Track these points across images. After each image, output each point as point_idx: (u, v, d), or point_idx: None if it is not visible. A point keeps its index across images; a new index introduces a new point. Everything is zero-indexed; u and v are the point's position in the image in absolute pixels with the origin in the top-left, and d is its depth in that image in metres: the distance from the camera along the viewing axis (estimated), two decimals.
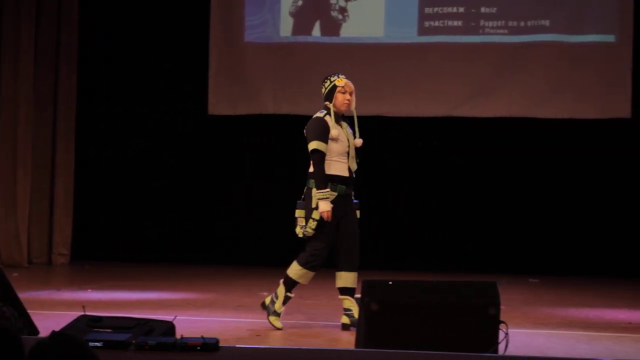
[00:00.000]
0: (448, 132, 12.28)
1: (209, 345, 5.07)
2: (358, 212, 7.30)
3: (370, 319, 5.69)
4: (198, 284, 10.46)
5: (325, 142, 7.19)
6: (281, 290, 7.31)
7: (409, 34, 12.39)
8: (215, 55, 12.68)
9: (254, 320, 7.71)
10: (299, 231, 7.23)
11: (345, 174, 7.20)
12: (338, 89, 7.42)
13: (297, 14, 12.62)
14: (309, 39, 12.61)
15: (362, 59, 12.42)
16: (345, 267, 7.30)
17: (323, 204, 7.04)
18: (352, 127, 7.44)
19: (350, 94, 7.44)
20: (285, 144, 12.54)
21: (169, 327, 5.62)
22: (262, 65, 12.62)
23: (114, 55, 13.03)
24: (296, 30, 12.63)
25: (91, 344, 4.93)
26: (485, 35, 12.23)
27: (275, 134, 12.66)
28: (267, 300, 7.33)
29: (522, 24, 12.17)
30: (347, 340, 6.55)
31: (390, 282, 5.90)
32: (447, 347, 5.54)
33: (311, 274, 7.30)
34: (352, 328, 6.97)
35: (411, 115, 12.32)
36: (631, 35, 11.94)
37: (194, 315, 7.85)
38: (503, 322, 5.80)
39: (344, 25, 12.54)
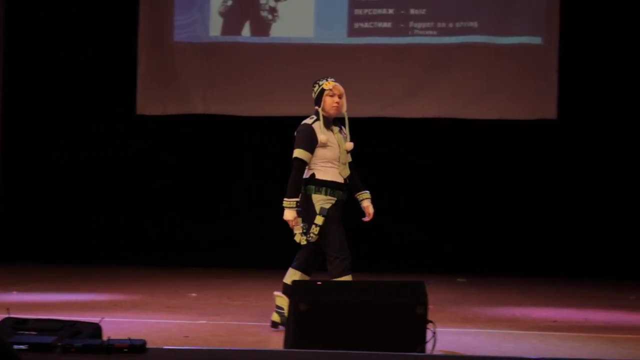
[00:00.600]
0: (378, 133, 12.31)
1: (136, 347, 5.03)
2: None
3: (299, 319, 5.69)
4: (126, 286, 10.38)
5: (310, 150, 7.05)
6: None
7: (338, 35, 12.42)
8: (143, 55, 12.60)
9: (182, 322, 7.67)
10: (300, 238, 7.00)
11: (340, 180, 7.06)
12: (326, 92, 7.26)
13: (226, 14, 12.58)
14: (238, 38, 12.58)
15: (291, 59, 12.43)
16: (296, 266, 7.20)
17: (287, 212, 6.95)
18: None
19: (340, 97, 7.26)
20: (214, 143, 12.54)
21: (96, 329, 5.56)
22: (191, 65, 12.56)
23: (40, 53, 12.86)
24: (225, 30, 12.59)
25: (16, 346, 4.87)
26: (415, 36, 12.30)
27: (205, 134, 12.62)
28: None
29: (450, 25, 12.26)
30: (276, 341, 6.54)
31: (319, 282, 5.91)
32: (375, 346, 5.56)
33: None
34: (280, 327, 6.94)
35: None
36: (557, 37, 12.08)
37: (121, 317, 7.79)
38: (431, 322, 5.84)
39: (274, 25, 12.53)
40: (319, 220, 6.92)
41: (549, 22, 12.11)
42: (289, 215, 6.96)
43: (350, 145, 7.22)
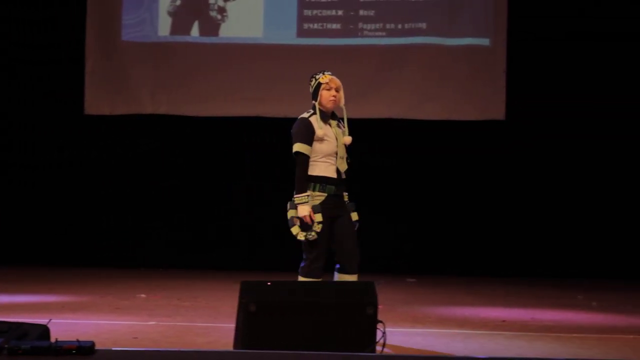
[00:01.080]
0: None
1: (84, 349, 4.99)
2: (355, 214, 7.02)
3: (248, 320, 5.67)
4: (74, 287, 10.30)
5: (309, 143, 6.95)
6: None
7: (287, 36, 12.42)
8: (91, 54, 12.51)
9: (131, 323, 7.63)
10: (301, 235, 6.83)
11: (333, 174, 6.92)
12: (323, 85, 7.09)
13: (175, 14, 12.54)
14: (187, 38, 12.53)
15: (241, 59, 12.41)
16: (346, 270, 6.95)
17: (301, 208, 6.79)
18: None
19: (337, 90, 7.11)
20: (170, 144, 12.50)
21: (43, 330, 5.51)
22: (140, 64, 12.49)
23: None
24: (174, 30, 12.54)
25: None
26: (364, 37, 12.34)
27: (152, 134, 12.56)
28: None
29: (399, 26, 12.31)
30: (225, 342, 6.52)
31: (269, 283, 5.90)
32: (325, 346, 5.56)
33: (318, 280, 6.86)
34: None
35: (290, 116, 12.30)
36: (505, 39, 12.17)
37: (70, 318, 7.73)
38: (381, 322, 5.86)
39: (223, 25, 12.50)
40: (318, 217, 6.78)
41: (496, 23, 12.19)
42: (304, 210, 6.78)
43: (348, 139, 7.05)
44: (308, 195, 6.83)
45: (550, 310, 9.08)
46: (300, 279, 6.79)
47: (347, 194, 7.07)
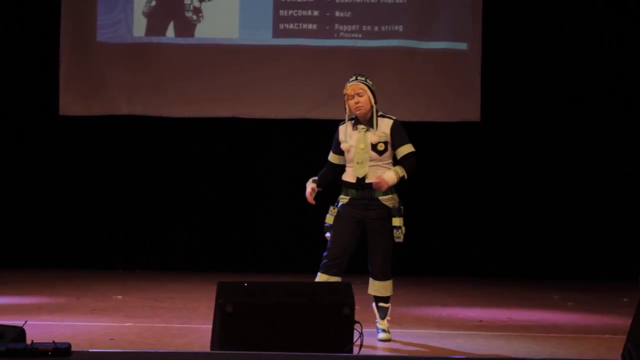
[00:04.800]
0: (303, 134, 12.32)
1: (61, 350, 4.97)
2: (398, 220, 7.22)
3: (225, 321, 5.67)
4: (51, 288, 10.25)
5: (335, 152, 7.47)
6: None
7: (263, 36, 12.39)
8: (66, 55, 12.44)
9: (108, 324, 7.61)
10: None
11: (352, 179, 7.24)
12: (346, 97, 7.37)
13: (150, 14, 12.49)
14: (163, 39, 12.49)
15: (217, 60, 12.38)
16: (372, 276, 7.33)
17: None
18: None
19: (359, 95, 7.32)
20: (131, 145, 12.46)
21: (19, 332, 5.48)
22: (115, 65, 12.44)
23: None
24: (150, 31, 12.49)
25: None
26: (340, 39, 12.33)
27: (128, 135, 12.52)
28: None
29: (375, 28, 12.31)
30: (202, 343, 6.52)
31: (246, 284, 5.89)
32: (302, 347, 5.56)
33: (325, 276, 7.11)
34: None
35: (266, 117, 12.33)
36: (480, 43, 12.21)
37: (46, 320, 7.71)
38: (357, 322, 5.86)
39: (199, 26, 12.46)
40: (329, 219, 7.27)
41: (473, 28, 12.21)
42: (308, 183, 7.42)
43: (344, 145, 7.31)
44: (316, 179, 7.46)
45: (527, 310, 9.12)
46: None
47: (389, 197, 7.23)
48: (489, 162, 12.35)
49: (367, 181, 7.18)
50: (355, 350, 5.83)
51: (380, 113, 7.37)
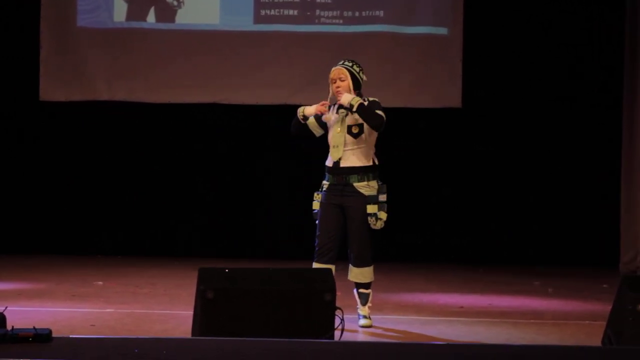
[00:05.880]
0: (285, 120, 12.28)
1: (41, 336, 4.95)
2: (373, 207, 7.15)
3: (206, 307, 5.66)
4: (30, 274, 10.22)
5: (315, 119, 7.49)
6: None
7: (244, 22, 12.36)
8: (46, 40, 12.37)
9: (88, 310, 7.60)
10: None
11: (330, 164, 7.29)
12: (330, 80, 7.43)
13: (131, 0, 12.44)
14: (143, 24, 12.44)
15: (198, 46, 12.35)
16: (351, 262, 7.31)
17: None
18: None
19: (341, 80, 7.37)
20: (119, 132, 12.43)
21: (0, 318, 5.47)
22: (96, 51, 12.38)
23: None
24: (130, 16, 12.44)
25: None
26: (321, 24, 12.32)
27: (109, 121, 12.48)
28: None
29: (356, 14, 12.30)
30: (183, 330, 6.51)
31: (227, 270, 5.89)
32: (283, 333, 5.56)
33: (318, 264, 7.11)
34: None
35: (247, 103, 12.31)
36: (461, 28, 12.22)
37: (26, 306, 7.69)
38: (339, 308, 5.87)
39: (180, 11, 12.42)
40: (315, 205, 7.32)
41: (454, 12, 12.22)
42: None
43: (338, 128, 7.29)
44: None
45: (507, 296, 9.16)
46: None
47: (364, 183, 7.19)
48: (470, 149, 12.37)
49: (342, 165, 7.15)
50: (337, 336, 5.84)
51: (365, 97, 7.33)
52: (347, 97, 7.09)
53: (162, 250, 12.33)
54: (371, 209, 7.11)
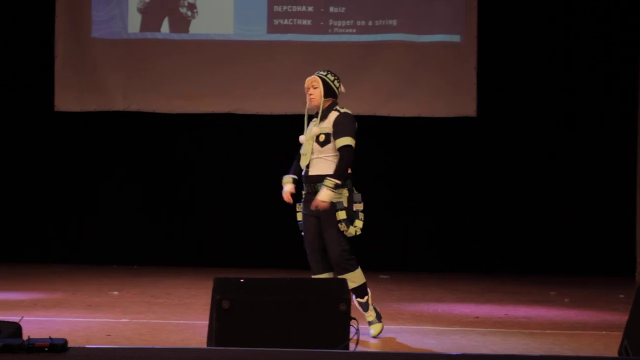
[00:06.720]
0: (298, 130, 12.29)
1: (57, 346, 4.95)
2: (341, 213, 6.92)
3: (221, 317, 5.65)
4: (46, 284, 10.23)
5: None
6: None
7: (258, 32, 12.39)
8: (61, 51, 12.43)
9: (104, 320, 7.60)
10: None
11: (303, 173, 7.22)
12: (305, 90, 7.43)
13: (145, 10, 12.48)
14: (157, 35, 12.48)
15: (212, 56, 12.38)
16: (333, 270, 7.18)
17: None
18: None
19: (314, 87, 7.36)
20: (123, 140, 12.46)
21: (16, 328, 5.47)
22: (110, 61, 12.43)
23: None
24: (144, 27, 12.48)
25: None
26: (334, 34, 12.33)
27: (123, 131, 12.51)
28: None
29: (370, 23, 12.30)
30: (199, 340, 6.51)
31: (242, 280, 5.88)
32: (298, 343, 5.55)
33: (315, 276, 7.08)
34: None
35: (261, 113, 12.32)
36: (475, 36, 12.20)
37: (42, 315, 7.69)
38: (354, 319, 5.86)
39: (193, 22, 12.46)
40: (299, 216, 7.22)
41: (467, 20, 12.22)
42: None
43: (302, 137, 7.36)
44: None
45: (523, 306, 9.12)
46: None
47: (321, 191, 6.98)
48: (485, 158, 12.34)
49: (310, 174, 7.10)
50: (352, 346, 5.82)
51: (337, 107, 7.26)
52: (323, 196, 6.91)
53: (177, 260, 12.34)
54: (340, 215, 6.96)
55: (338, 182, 6.90)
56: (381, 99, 12.31)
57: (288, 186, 7.29)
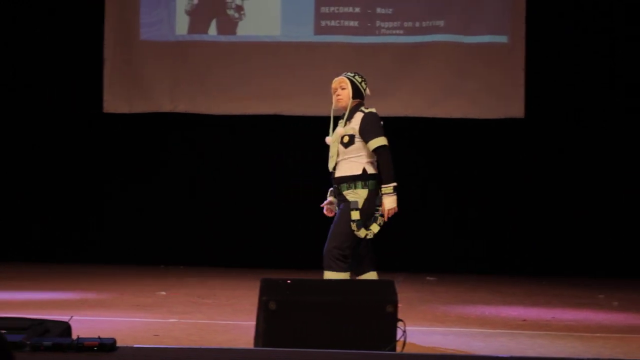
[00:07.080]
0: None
1: (106, 346, 5.00)
2: (355, 213, 6.76)
3: (268, 318, 5.67)
4: (94, 284, 10.31)
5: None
6: None
7: (305, 33, 12.41)
8: (110, 54, 12.53)
9: (152, 320, 7.64)
10: None
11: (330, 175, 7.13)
12: (332, 91, 7.37)
13: (193, 13, 12.54)
14: (205, 37, 12.54)
15: (259, 57, 12.41)
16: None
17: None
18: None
19: (342, 88, 7.30)
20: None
21: (65, 327, 5.52)
22: (158, 63, 12.51)
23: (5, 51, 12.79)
24: (192, 29, 12.55)
25: None
26: (382, 35, 12.31)
27: (171, 132, 12.58)
28: None
29: (417, 24, 12.28)
30: (246, 340, 6.52)
31: (289, 281, 5.89)
32: (345, 345, 5.55)
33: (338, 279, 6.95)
34: None
35: (308, 114, 12.33)
36: (523, 36, 12.13)
37: (91, 315, 7.74)
38: (400, 320, 5.84)
39: (241, 23, 12.50)
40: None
41: (514, 21, 12.15)
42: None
43: (328, 139, 7.25)
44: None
45: (571, 309, 9.05)
46: None
47: (351, 191, 6.89)
48: (534, 159, 12.26)
49: (336, 175, 7.04)
50: (399, 348, 5.81)
51: (362, 108, 7.22)
52: (388, 203, 6.89)
53: (223, 261, 12.37)
54: (354, 215, 6.86)
55: (394, 184, 6.93)
56: (428, 100, 12.28)
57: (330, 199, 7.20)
